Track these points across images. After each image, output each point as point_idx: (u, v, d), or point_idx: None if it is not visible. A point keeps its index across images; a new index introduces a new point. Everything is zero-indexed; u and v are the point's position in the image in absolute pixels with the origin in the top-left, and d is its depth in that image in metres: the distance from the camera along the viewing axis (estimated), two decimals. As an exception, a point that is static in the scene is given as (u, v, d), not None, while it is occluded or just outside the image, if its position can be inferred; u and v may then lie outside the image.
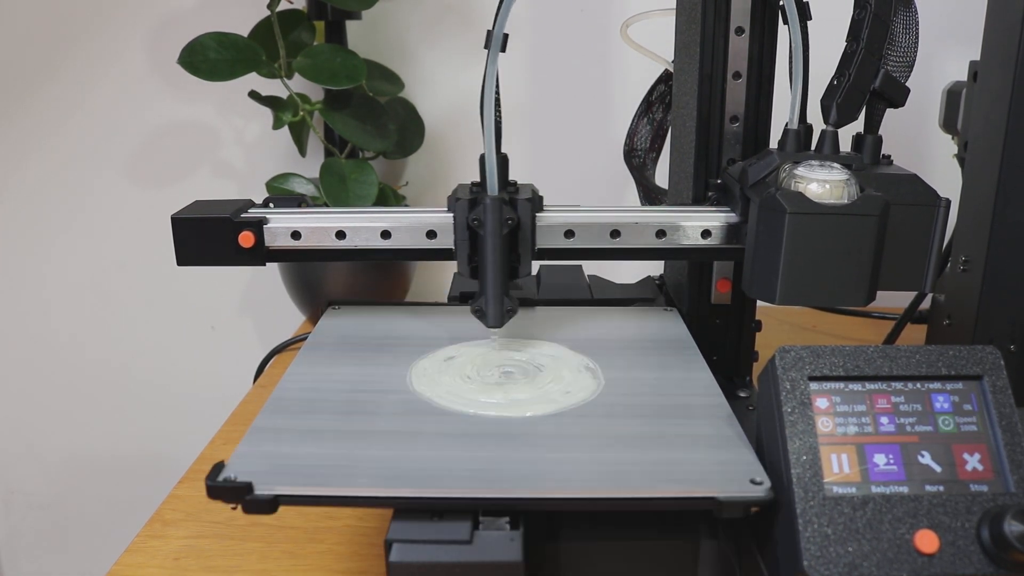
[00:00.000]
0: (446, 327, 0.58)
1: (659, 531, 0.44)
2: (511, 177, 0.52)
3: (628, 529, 0.44)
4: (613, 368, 0.52)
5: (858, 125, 0.51)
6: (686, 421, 0.46)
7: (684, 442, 0.43)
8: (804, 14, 0.49)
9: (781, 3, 0.50)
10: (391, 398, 0.48)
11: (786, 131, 0.50)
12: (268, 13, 0.80)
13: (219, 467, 0.40)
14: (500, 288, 0.50)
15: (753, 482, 0.39)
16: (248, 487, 0.38)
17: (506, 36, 0.47)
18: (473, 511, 0.39)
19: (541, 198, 0.52)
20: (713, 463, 0.41)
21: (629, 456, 0.42)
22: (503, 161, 0.50)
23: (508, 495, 0.39)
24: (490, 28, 0.47)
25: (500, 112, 0.51)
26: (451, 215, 0.51)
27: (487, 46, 0.47)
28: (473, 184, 0.51)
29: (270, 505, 0.38)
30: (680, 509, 0.40)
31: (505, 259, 0.50)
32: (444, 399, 0.48)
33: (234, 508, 0.38)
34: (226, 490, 0.38)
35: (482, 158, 0.49)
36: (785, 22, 0.50)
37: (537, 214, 0.51)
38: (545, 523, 0.43)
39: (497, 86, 0.49)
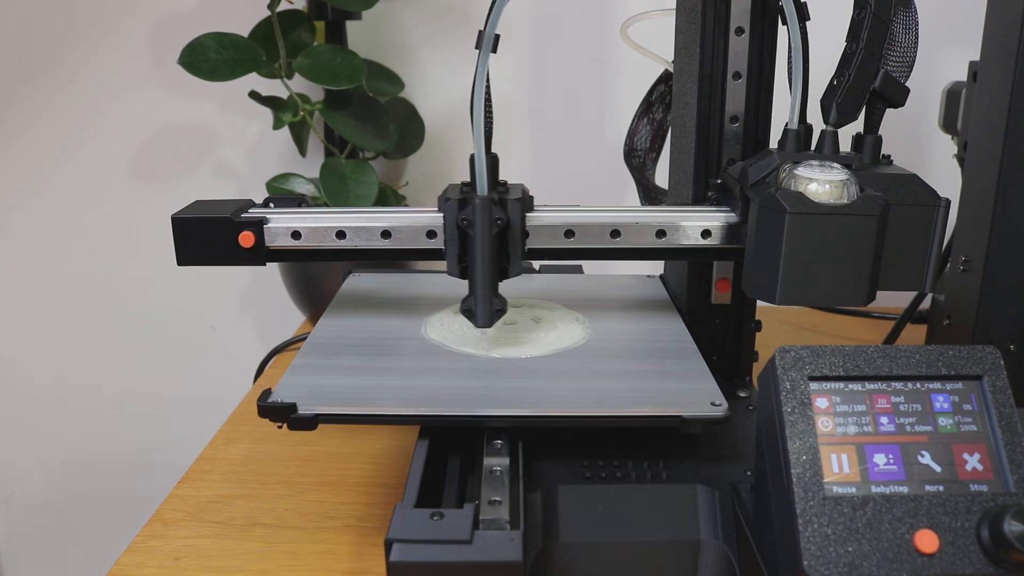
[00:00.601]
0: (455, 289, 0.60)
1: (660, 531, 0.44)
2: (505, 177, 0.53)
3: (629, 529, 0.44)
4: (600, 321, 0.59)
5: (858, 125, 0.51)
6: (659, 360, 0.53)
7: (657, 375, 0.50)
8: (803, 14, 0.49)
9: (780, 3, 0.50)
10: (409, 343, 0.55)
11: (786, 131, 0.50)
12: (268, 13, 0.80)
13: (267, 392, 0.46)
14: (489, 288, 0.51)
15: (713, 404, 0.45)
16: (293, 407, 0.45)
17: (497, 37, 0.47)
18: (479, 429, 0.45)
19: (531, 198, 0.52)
20: (680, 391, 0.48)
21: (610, 385, 0.49)
22: (493, 161, 0.51)
23: (510, 413, 0.46)
24: (482, 28, 0.47)
25: (491, 112, 0.51)
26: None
27: (478, 46, 0.47)
28: (463, 184, 0.52)
29: (311, 422, 0.45)
30: (652, 426, 0.46)
31: (494, 259, 0.50)
32: (454, 344, 0.54)
33: (280, 427, 0.45)
34: (274, 409, 0.45)
35: (472, 158, 0.49)
36: (784, 23, 0.50)
37: (527, 214, 0.51)
38: (544, 502, 0.45)
39: (488, 86, 0.49)
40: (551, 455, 0.48)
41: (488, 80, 0.49)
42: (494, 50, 0.47)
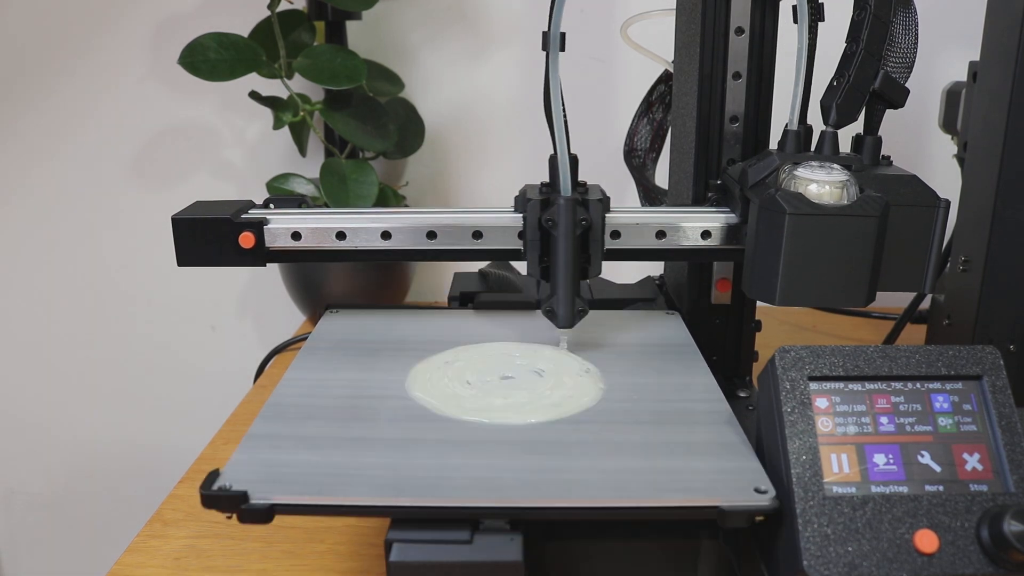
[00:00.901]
0: (444, 330, 0.58)
1: (660, 531, 0.44)
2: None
3: (629, 528, 0.44)
4: (614, 373, 0.51)
5: (858, 126, 0.51)
6: (688, 427, 0.45)
7: (686, 449, 0.43)
8: (818, 15, 0.49)
9: (794, 3, 0.50)
10: (389, 404, 0.48)
11: (786, 132, 0.50)
12: (268, 13, 0.80)
13: (214, 475, 0.39)
14: (572, 289, 0.50)
15: (758, 491, 0.38)
16: (243, 496, 0.38)
17: (563, 35, 0.46)
18: (473, 521, 0.38)
19: (609, 199, 0.52)
20: (716, 471, 0.41)
21: (631, 464, 0.42)
22: (573, 161, 0.50)
23: (509, 504, 0.38)
24: (546, 30, 0.47)
25: (565, 111, 0.50)
26: (453, 215, 0.52)
27: (545, 48, 0.47)
28: (542, 184, 0.52)
29: (266, 514, 0.38)
30: (682, 519, 0.40)
31: (577, 260, 0.50)
32: (443, 405, 0.47)
33: (229, 518, 0.38)
34: (221, 499, 0.38)
35: (552, 159, 0.49)
36: (795, 21, 0.50)
37: (607, 215, 0.51)
38: (546, 527, 0.43)
39: (560, 85, 0.48)
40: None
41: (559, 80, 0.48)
42: (562, 48, 0.47)
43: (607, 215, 0.51)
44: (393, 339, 0.57)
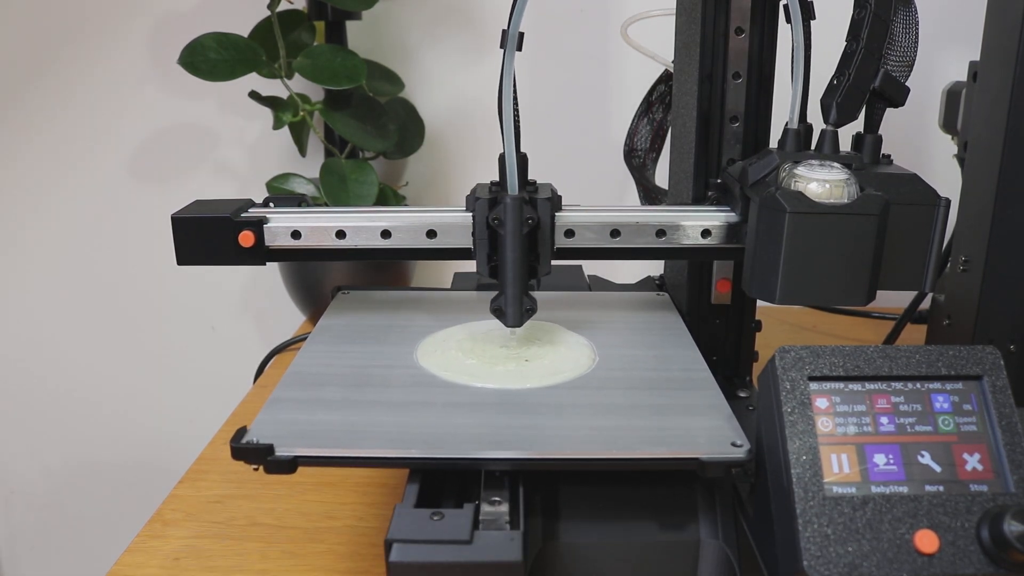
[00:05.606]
0: (450, 309, 0.61)
1: (660, 531, 0.44)
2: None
3: (629, 529, 0.44)
4: (607, 346, 0.55)
5: (858, 125, 0.51)
6: (673, 392, 0.49)
7: (671, 410, 0.46)
8: (808, 13, 0.49)
9: (784, 2, 0.50)
10: (399, 372, 0.51)
11: (786, 131, 0.50)
12: (268, 13, 0.80)
13: (242, 431, 0.42)
14: (520, 288, 0.50)
15: (734, 445, 0.42)
16: (270, 448, 0.41)
17: (521, 35, 0.46)
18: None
19: (560, 197, 0.52)
20: (697, 428, 0.44)
21: (620, 422, 0.45)
22: (522, 160, 0.50)
23: (510, 456, 0.42)
24: (505, 27, 0.47)
25: (518, 111, 0.50)
26: (452, 214, 0.52)
27: (503, 45, 0.46)
28: (492, 183, 0.51)
29: (290, 465, 0.41)
30: (667, 469, 0.43)
31: (525, 258, 0.50)
32: (449, 373, 0.50)
33: (256, 469, 0.41)
34: (249, 451, 0.41)
35: (501, 157, 0.49)
36: (788, 21, 0.50)
37: (556, 213, 0.51)
38: (544, 502, 0.44)
39: (514, 85, 0.48)
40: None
41: (514, 78, 0.48)
42: (519, 48, 0.47)
43: (559, 213, 0.51)
44: (402, 316, 0.60)
